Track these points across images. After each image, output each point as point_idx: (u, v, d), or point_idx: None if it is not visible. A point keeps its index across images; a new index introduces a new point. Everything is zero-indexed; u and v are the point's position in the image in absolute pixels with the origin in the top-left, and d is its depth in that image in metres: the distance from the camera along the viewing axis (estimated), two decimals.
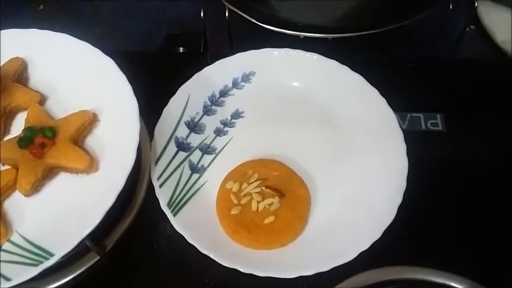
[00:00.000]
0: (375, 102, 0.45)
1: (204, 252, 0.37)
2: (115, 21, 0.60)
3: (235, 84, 0.48)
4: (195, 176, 0.43)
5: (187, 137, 0.45)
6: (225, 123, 0.46)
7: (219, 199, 0.41)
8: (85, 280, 0.37)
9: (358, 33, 0.47)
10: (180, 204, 0.40)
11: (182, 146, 0.44)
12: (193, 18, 0.59)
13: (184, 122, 0.45)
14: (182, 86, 0.46)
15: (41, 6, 0.61)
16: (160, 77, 0.50)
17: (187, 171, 0.43)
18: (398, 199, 0.39)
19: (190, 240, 0.38)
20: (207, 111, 0.47)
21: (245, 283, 0.37)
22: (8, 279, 0.32)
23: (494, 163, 0.45)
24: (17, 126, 0.40)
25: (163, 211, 0.39)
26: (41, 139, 0.36)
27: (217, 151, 0.45)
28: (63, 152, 0.36)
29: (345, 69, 0.46)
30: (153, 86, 0.46)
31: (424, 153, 0.43)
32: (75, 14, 0.61)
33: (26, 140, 0.36)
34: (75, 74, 0.41)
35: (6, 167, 0.38)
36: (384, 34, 0.47)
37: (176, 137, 0.44)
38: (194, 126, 0.46)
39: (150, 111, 0.43)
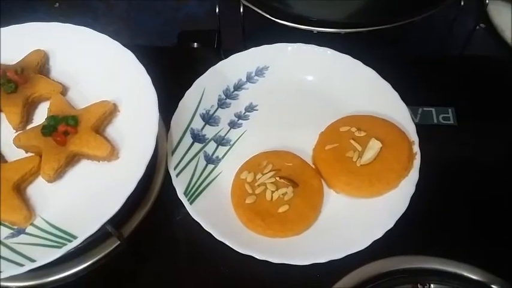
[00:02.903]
0: (387, 96, 0.45)
1: (220, 239, 0.38)
2: (129, 19, 0.62)
3: (249, 78, 0.49)
4: (210, 166, 0.44)
5: (203, 128, 0.46)
6: (239, 116, 0.47)
7: (233, 189, 0.42)
8: (104, 265, 0.38)
9: (371, 29, 0.47)
10: (196, 193, 0.41)
11: (197, 137, 0.45)
12: (205, 15, 0.60)
13: (200, 115, 0.46)
14: (198, 79, 0.47)
15: (57, 3, 0.63)
16: (176, 72, 0.51)
17: (202, 162, 0.44)
18: (411, 190, 0.40)
19: (207, 227, 0.39)
20: (221, 104, 0.48)
21: (259, 270, 0.38)
22: (32, 261, 0.33)
23: (505, 156, 0.46)
24: (39, 116, 0.41)
25: (179, 199, 0.40)
26: (64, 127, 0.37)
27: (231, 143, 0.46)
28: (85, 140, 0.38)
29: (358, 64, 0.47)
30: (169, 80, 0.47)
31: (436, 146, 0.44)
32: (90, 11, 0.62)
33: (49, 128, 0.38)
34: (96, 66, 0.43)
35: (30, 154, 0.39)
36: (396, 29, 0.47)
37: (192, 128, 0.45)
38: (209, 119, 0.47)
39: (166, 103, 0.44)
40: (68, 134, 0.38)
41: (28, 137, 0.39)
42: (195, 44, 0.55)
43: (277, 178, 0.41)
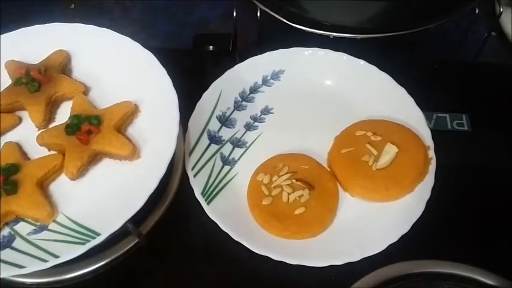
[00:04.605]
0: (402, 101, 0.46)
1: (237, 240, 0.39)
2: (145, 21, 0.62)
3: (265, 82, 0.50)
4: (226, 168, 0.45)
5: (219, 130, 0.47)
6: (255, 119, 0.48)
7: (250, 190, 0.43)
8: (122, 263, 0.39)
9: (387, 34, 0.48)
10: (213, 194, 0.42)
11: (214, 138, 0.46)
12: (218, 19, 0.61)
13: (216, 116, 0.47)
14: (214, 81, 0.48)
15: (72, 5, 0.64)
16: (192, 74, 0.52)
17: (219, 163, 0.45)
18: (426, 194, 0.40)
19: (224, 227, 0.39)
20: (237, 106, 0.48)
21: (275, 271, 0.39)
22: (56, 257, 0.33)
23: None
24: (61, 115, 0.42)
25: (196, 199, 0.41)
26: (88, 126, 0.38)
27: (247, 145, 0.46)
28: (108, 139, 0.38)
29: (373, 69, 0.48)
30: (185, 82, 0.47)
31: (450, 152, 0.45)
32: (106, 13, 0.63)
33: (73, 127, 0.38)
34: (117, 66, 0.43)
35: (52, 152, 0.40)
36: (412, 35, 0.48)
37: (208, 130, 0.46)
38: (225, 121, 0.47)
39: (183, 105, 0.45)
40: (91, 133, 0.38)
41: (51, 135, 0.39)
42: (211, 46, 0.55)
43: (293, 180, 0.42)
